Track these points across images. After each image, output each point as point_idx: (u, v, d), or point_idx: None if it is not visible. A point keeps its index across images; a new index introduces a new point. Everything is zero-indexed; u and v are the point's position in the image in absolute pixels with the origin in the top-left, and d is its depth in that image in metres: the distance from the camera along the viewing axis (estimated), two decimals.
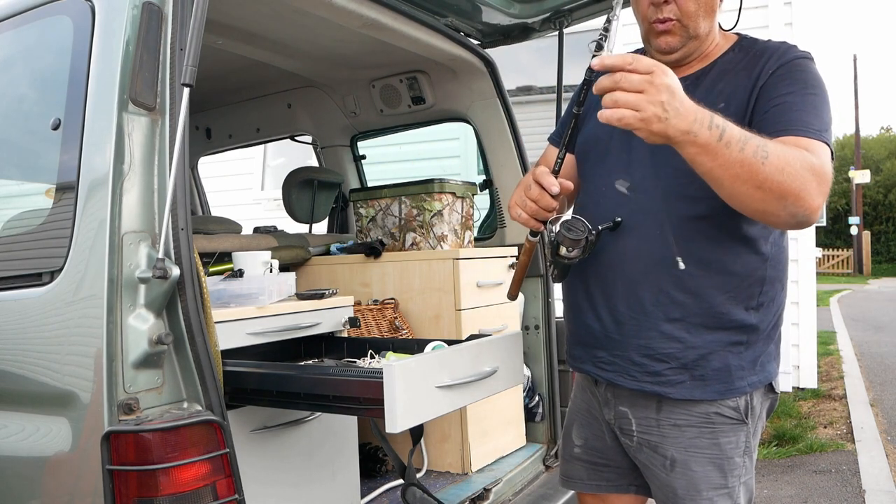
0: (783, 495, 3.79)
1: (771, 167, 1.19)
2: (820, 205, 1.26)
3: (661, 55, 1.51)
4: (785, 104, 1.36)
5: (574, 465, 1.72)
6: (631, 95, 1.14)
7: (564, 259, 1.44)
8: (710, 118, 1.18)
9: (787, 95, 1.37)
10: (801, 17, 5.54)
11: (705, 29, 1.48)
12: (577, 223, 1.42)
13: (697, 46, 1.50)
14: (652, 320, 1.46)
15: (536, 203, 1.43)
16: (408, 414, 1.42)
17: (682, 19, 1.46)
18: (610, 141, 1.55)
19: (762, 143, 1.21)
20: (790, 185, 1.21)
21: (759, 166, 1.19)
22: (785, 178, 1.20)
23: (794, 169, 1.21)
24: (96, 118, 1.42)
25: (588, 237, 1.41)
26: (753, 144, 1.20)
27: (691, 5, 1.45)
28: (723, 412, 1.47)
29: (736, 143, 1.19)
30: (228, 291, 1.98)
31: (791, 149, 1.25)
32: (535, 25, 2.82)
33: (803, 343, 5.80)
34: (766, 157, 1.19)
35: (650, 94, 1.14)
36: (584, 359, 1.60)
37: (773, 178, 1.20)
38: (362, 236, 2.89)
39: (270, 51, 2.82)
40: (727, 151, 1.18)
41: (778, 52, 1.45)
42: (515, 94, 6.23)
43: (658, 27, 1.49)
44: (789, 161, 1.21)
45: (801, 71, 1.41)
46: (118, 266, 1.34)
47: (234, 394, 1.66)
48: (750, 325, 1.46)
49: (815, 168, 1.24)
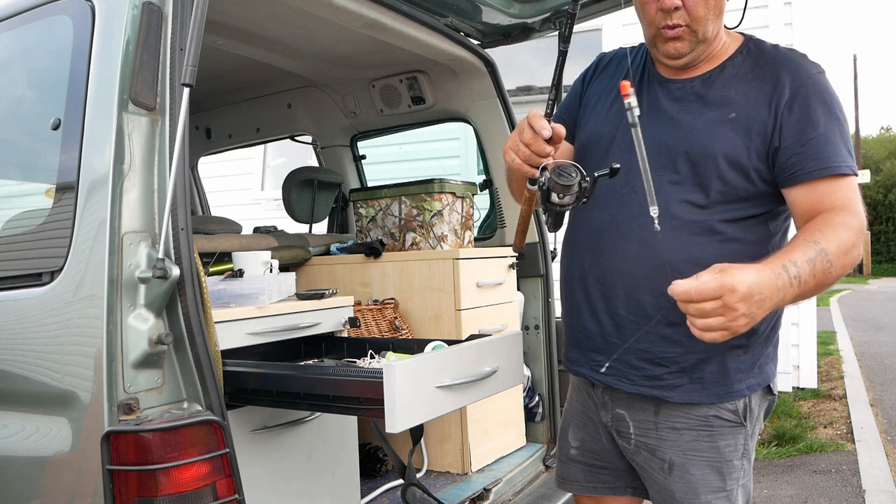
0: (783, 495, 3.79)
1: (836, 268, 1.30)
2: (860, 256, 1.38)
3: (668, 60, 1.50)
4: (817, 139, 1.39)
5: (570, 467, 1.72)
6: (714, 321, 1.18)
7: (556, 206, 1.36)
8: (787, 277, 1.24)
9: (819, 127, 1.39)
10: (801, 17, 5.53)
11: (714, 31, 1.47)
12: (568, 168, 1.33)
13: (706, 49, 1.49)
14: (652, 324, 1.46)
15: (529, 147, 1.36)
16: (408, 414, 1.42)
17: (691, 24, 1.44)
18: (613, 140, 1.55)
19: (823, 255, 1.28)
20: (849, 266, 1.34)
21: (829, 276, 1.30)
22: (845, 266, 1.32)
23: (851, 254, 1.32)
24: (96, 118, 1.42)
25: (581, 183, 1.32)
26: (820, 262, 1.27)
27: (701, 10, 1.43)
28: (721, 415, 1.47)
29: (810, 275, 1.26)
30: (228, 291, 1.98)
31: (840, 233, 1.32)
32: (535, 25, 2.82)
33: (803, 343, 5.80)
34: (830, 266, 1.29)
35: (730, 316, 1.17)
36: (580, 362, 1.60)
37: (839, 275, 1.32)
38: (362, 236, 2.89)
39: (270, 51, 2.82)
40: (807, 288, 1.27)
41: (792, 68, 1.44)
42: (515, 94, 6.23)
43: (667, 33, 1.46)
44: (846, 250, 1.31)
45: (822, 93, 1.42)
46: (118, 266, 1.34)
47: (234, 394, 1.66)
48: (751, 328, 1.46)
49: (858, 231, 1.34)
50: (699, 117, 1.46)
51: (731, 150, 1.41)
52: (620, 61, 1.67)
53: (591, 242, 1.54)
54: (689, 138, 1.45)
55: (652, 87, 1.55)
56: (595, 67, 1.72)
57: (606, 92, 1.63)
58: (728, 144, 1.41)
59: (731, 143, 1.41)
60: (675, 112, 1.49)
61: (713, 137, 1.43)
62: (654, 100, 1.53)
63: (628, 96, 1.24)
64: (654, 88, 1.55)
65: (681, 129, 1.47)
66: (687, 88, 1.50)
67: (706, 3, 1.43)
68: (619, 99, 1.59)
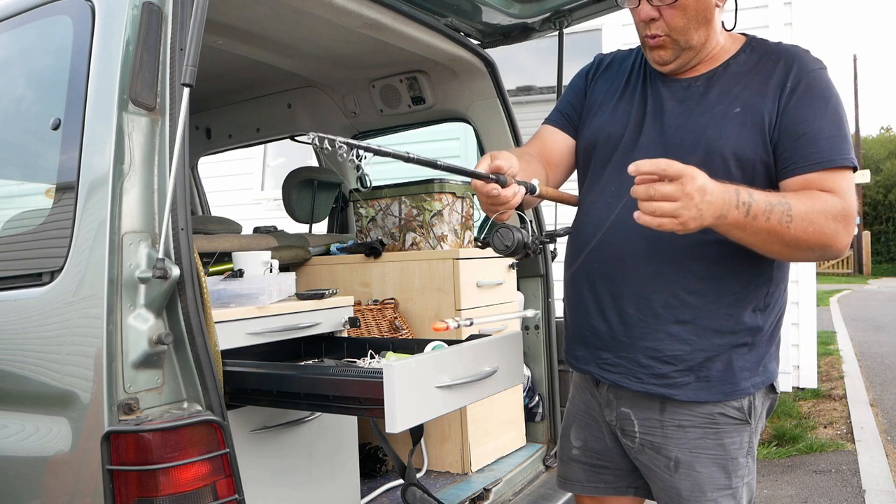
0: (783, 495, 3.79)
1: (796, 229, 1.28)
2: (847, 243, 1.35)
3: (655, 66, 1.54)
4: (812, 132, 1.39)
5: (572, 467, 1.71)
6: (667, 205, 1.21)
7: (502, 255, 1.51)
8: (736, 197, 1.25)
9: (814, 121, 1.39)
10: (801, 17, 5.53)
11: (699, 39, 1.48)
12: (507, 233, 1.46)
13: (693, 56, 1.50)
14: (661, 322, 1.46)
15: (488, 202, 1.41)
16: (408, 414, 1.42)
17: (671, 34, 1.47)
18: (620, 140, 1.55)
19: (786, 207, 1.28)
20: (815, 240, 1.30)
21: (785, 230, 1.28)
22: (809, 235, 1.29)
23: (818, 224, 1.30)
24: (96, 118, 1.42)
25: (523, 244, 1.46)
26: (779, 211, 1.27)
27: (679, 21, 1.45)
28: (727, 412, 1.47)
29: (762, 214, 1.26)
30: (228, 291, 1.98)
31: (815, 202, 1.31)
32: (535, 25, 2.82)
33: (803, 343, 5.80)
34: (790, 221, 1.28)
35: (684, 202, 1.21)
36: (587, 360, 1.60)
37: (798, 237, 1.30)
38: (362, 236, 2.89)
39: (270, 51, 2.82)
40: (755, 223, 1.27)
41: (794, 62, 1.45)
42: (515, 94, 6.23)
43: (649, 42, 1.50)
44: (813, 219, 1.29)
45: (822, 87, 1.42)
46: (118, 266, 1.34)
47: (234, 394, 1.66)
48: (756, 326, 1.46)
49: (838, 215, 1.32)
50: (705, 114, 1.47)
51: (737, 145, 1.42)
52: (622, 62, 1.67)
53: (598, 241, 1.54)
54: (695, 135, 1.45)
55: (655, 85, 1.56)
56: (597, 67, 1.72)
57: (611, 92, 1.64)
58: (735, 140, 1.42)
59: (737, 138, 1.42)
60: (680, 110, 1.50)
61: (719, 133, 1.43)
62: (658, 98, 1.54)
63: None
64: (658, 87, 1.55)
65: (687, 127, 1.48)
66: (692, 87, 1.51)
67: (684, 13, 1.44)
68: (623, 100, 1.60)
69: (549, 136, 1.70)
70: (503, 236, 1.47)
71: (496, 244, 1.47)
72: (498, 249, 1.47)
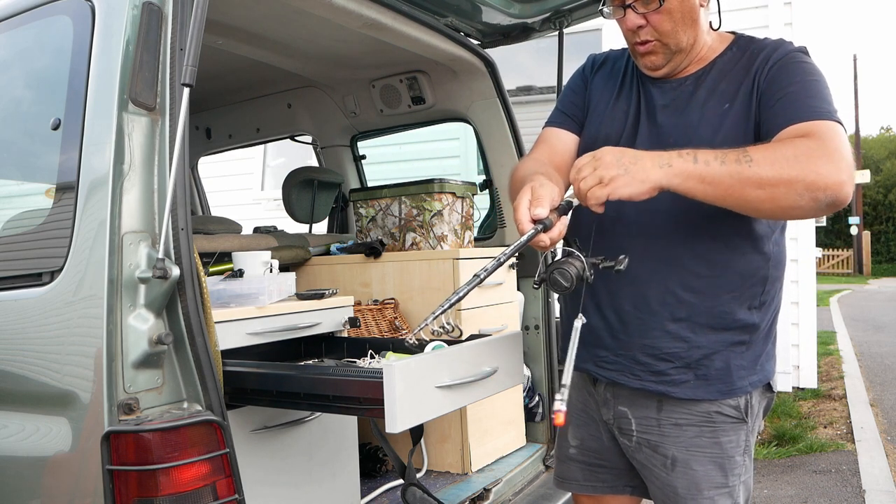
0: (783, 495, 3.79)
1: (759, 166, 1.22)
2: (841, 180, 1.22)
3: (647, 72, 1.54)
4: (788, 96, 1.37)
5: (570, 466, 1.72)
6: (588, 175, 1.26)
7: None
8: (675, 152, 1.26)
9: (789, 87, 1.38)
10: (801, 17, 5.54)
11: (688, 40, 1.49)
12: (567, 266, 1.34)
13: (684, 58, 1.52)
14: (658, 320, 1.46)
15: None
16: (408, 414, 1.42)
17: (661, 39, 1.48)
18: (618, 141, 1.56)
19: (742, 151, 1.25)
20: (789, 174, 1.21)
21: (747, 170, 1.23)
22: (779, 169, 1.22)
23: (787, 159, 1.23)
24: (96, 118, 1.42)
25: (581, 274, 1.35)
26: (733, 155, 1.24)
27: (666, 25, 1.46)
28: (724, 411, 1.48)
29: (714, 159, 1.24)
30: (228, 291, 1.98)
31: (780, 145, 1.27)
32: (535, 25, 2.82)
33: (803, 343, 5.80)
34: (749, 160, 1.23)
35: (596, 164, 1.26)
36: (584, 358, 1.60)
37: (766, 175, 1.22)
38: (362, 236, 2.89)
39: (270, 51, 2.82)
40: (708, 169, 1.24)
41: (772, 48, 1.46)
42: (515, 94, 6.23)
43: (639, 48, 1.51)
44: (777, 156, 1.23)
45: (798, 62, 1.42)
46: (118, 266, 1.34)
47: (234, 394, 1.65)
48: (752, 324, 1.47)
49: (815, 150, 1.24)
50: (695, 113, 1.48)
51: (731, 142, 1.42)
52: (615, 62, 1.68)
53: (596, 239, 1.54)
54: (689, 134, 1.46)
55: (646, 87, 1.57)
56: (591, 66, 1.73)
57: (607, 92, 1.65)
58: (727, 135, 1.42)
59: (730, 134, 1.42)
60: (671, 111, 1.51)
61: (712, 131, 1.44)
62: (650, 100, 1.55)
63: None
64: (648, 89, 1.57)
65: (680, 127, 1.49)
66: (681, 88, 1.53)
67: (671, 17, 1.45)
68: (620, 100, 1.60)
69: (556, 139, 1.70)
70: (563, 278, 1.35)
71: (558, 289, 1.37)
72: (560, 292, 1.38)
